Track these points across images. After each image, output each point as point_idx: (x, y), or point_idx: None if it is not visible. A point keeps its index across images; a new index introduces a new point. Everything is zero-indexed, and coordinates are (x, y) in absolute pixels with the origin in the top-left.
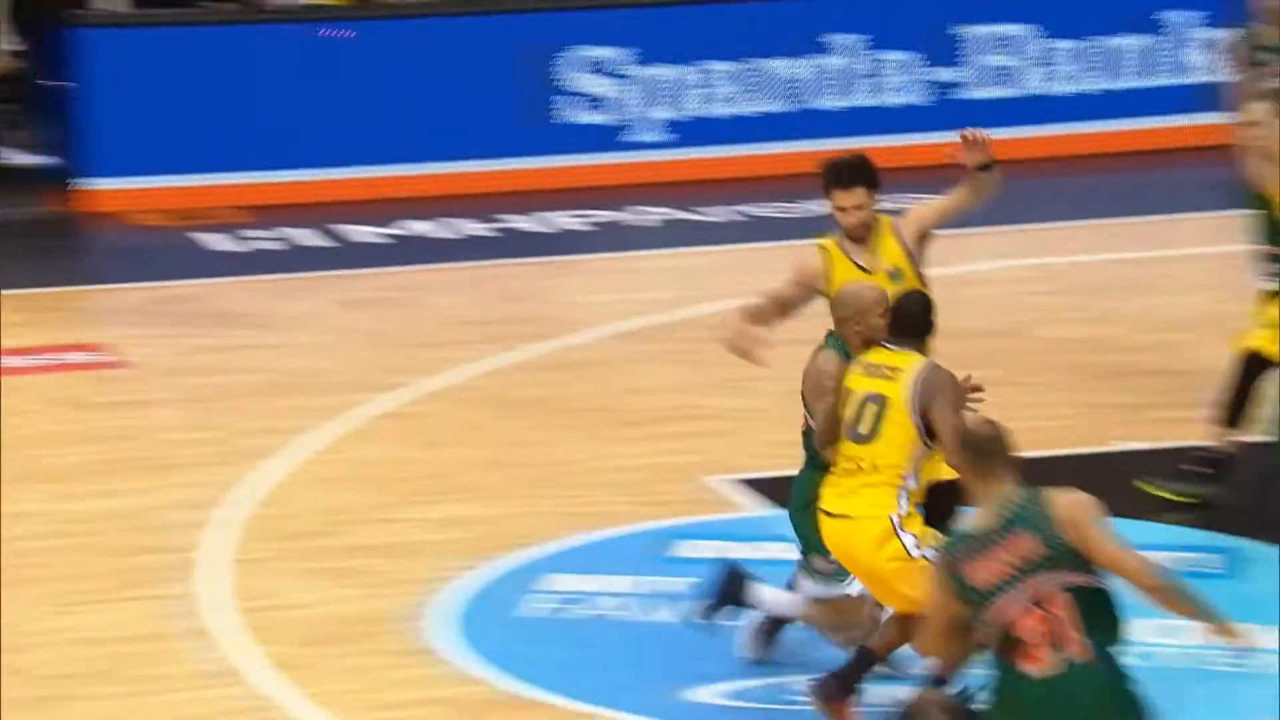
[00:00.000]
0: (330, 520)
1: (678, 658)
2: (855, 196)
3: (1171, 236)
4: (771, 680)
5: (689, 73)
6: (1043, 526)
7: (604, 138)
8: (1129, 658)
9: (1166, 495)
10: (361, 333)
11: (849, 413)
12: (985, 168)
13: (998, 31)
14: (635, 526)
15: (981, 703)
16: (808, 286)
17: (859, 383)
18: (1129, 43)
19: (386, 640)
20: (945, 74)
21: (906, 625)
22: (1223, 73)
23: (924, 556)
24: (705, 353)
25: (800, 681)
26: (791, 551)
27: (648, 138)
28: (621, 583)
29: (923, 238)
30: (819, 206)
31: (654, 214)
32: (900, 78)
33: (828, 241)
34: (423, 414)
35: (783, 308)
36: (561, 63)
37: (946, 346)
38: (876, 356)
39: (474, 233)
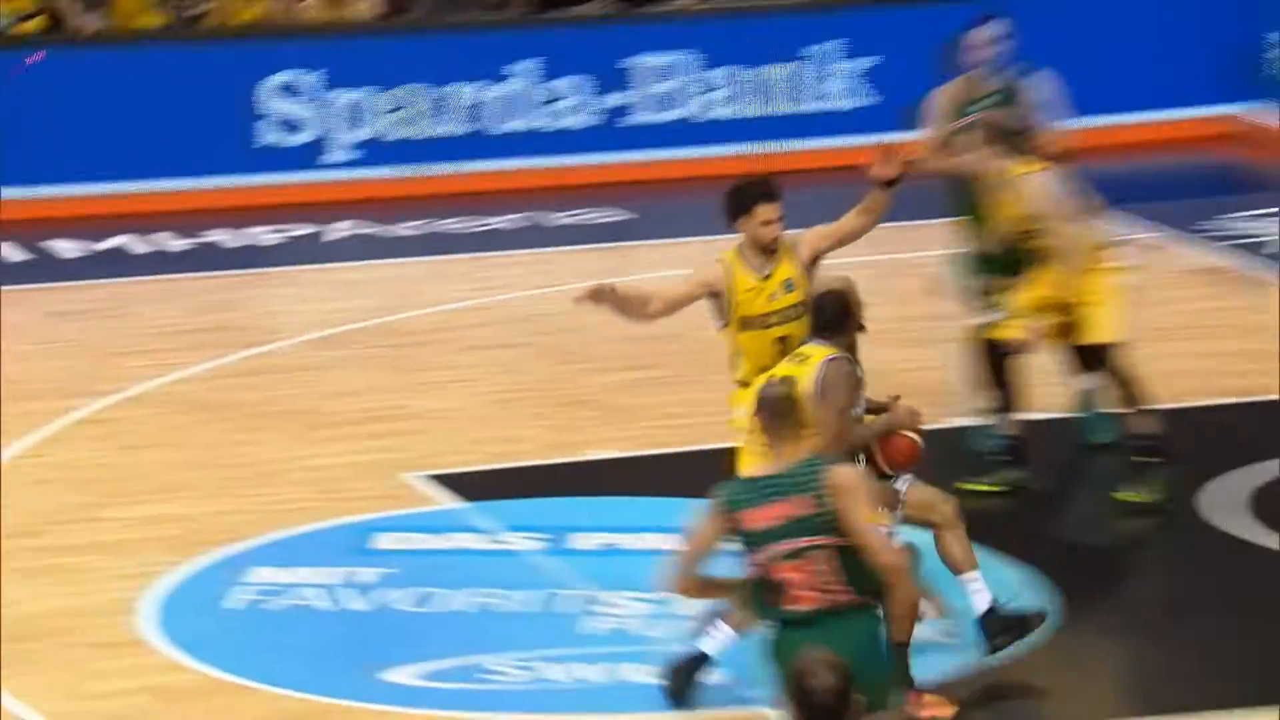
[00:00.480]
0: (38, 521)
1: (374, 643)
2: (778, 210)
3: None
4: (463, 661)
5: (380, 98)
6: (819, 491)
7: (301, 158)
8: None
9: (982, 488)
10: (67, 343)
11: None
12: (892, 183)
13: (661, 61)
14: (334, 521)
15: None
16: (703, 290)
17: (782, 368)
18: (779, 71)
19: (94, 634)
20: (614, 99)
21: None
22: (931, 118)
23: None
24: (399, 357)
25: (490, 660)
26: (480, 541)
27: (341, 158)
28: (321, 574)
29: (815, 259)
30: (503, 222)
31: (347, 229)
32: (573, 103)
33: (728, 253)
34: (126, 419)
35: (667, 304)
36: (262, 90)
37: (615, 352)
38: (808, 349)
39: (178, 248)
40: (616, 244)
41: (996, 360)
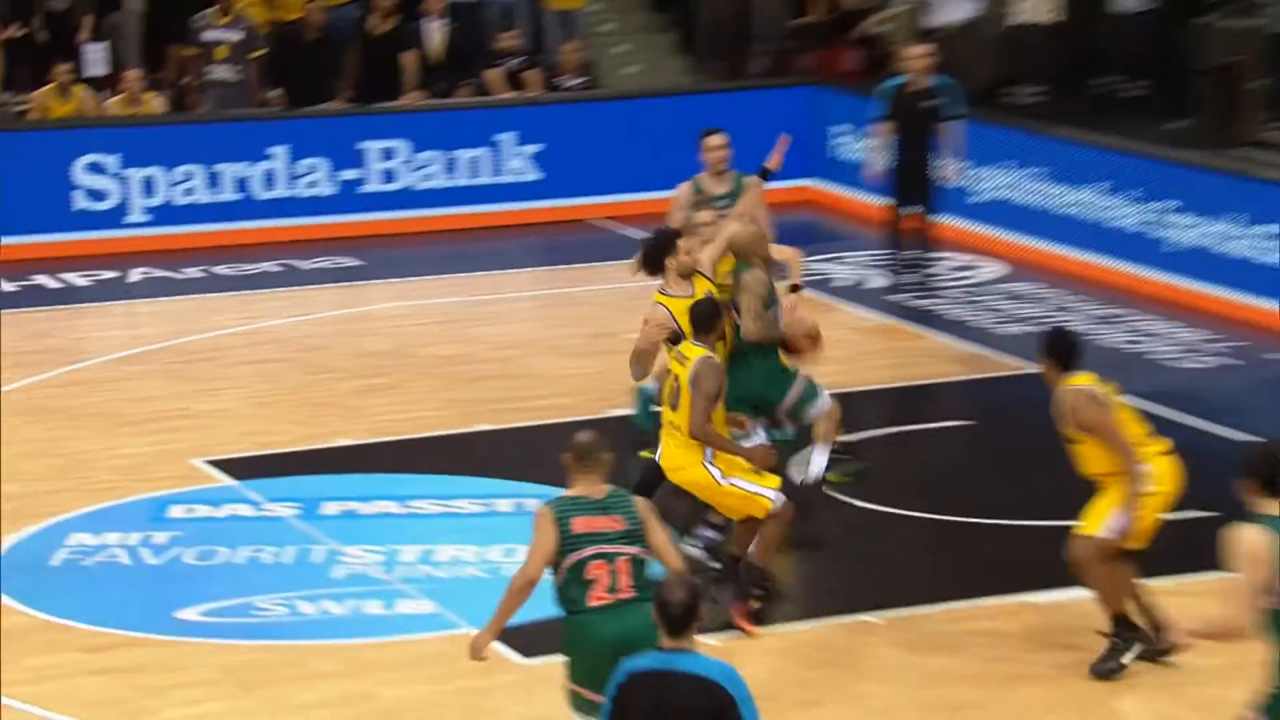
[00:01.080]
0: None
1: (168, 589)
2: (689, 243)
3: (500, 285)
4: (237, 601)
5: (168, 173)
6: (630, 513)
7: (106, 219)
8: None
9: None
10: None
11: (667, 389)
12: (768, 175)
13: (385, 145)
14: (135, 497)
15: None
16: (663, 332)
17: (674, 367)
18: (472, 154)
19: None
20: (349, 174)
21: (748, 526)
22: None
23: (731, 483)
24: (186, 371)
25: (258, 600)
26: (249, 510)
27: (138, 219)
28: (126, 537)
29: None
30: (265, 267)
31: (143, 274)
32: (318, 176)
33: (656, 296)
34: None
35: (655, 350)
36: (75, 167)
37: (353, 364)
38: (684, 348)
39: (9, 289)
40: (351, 283)
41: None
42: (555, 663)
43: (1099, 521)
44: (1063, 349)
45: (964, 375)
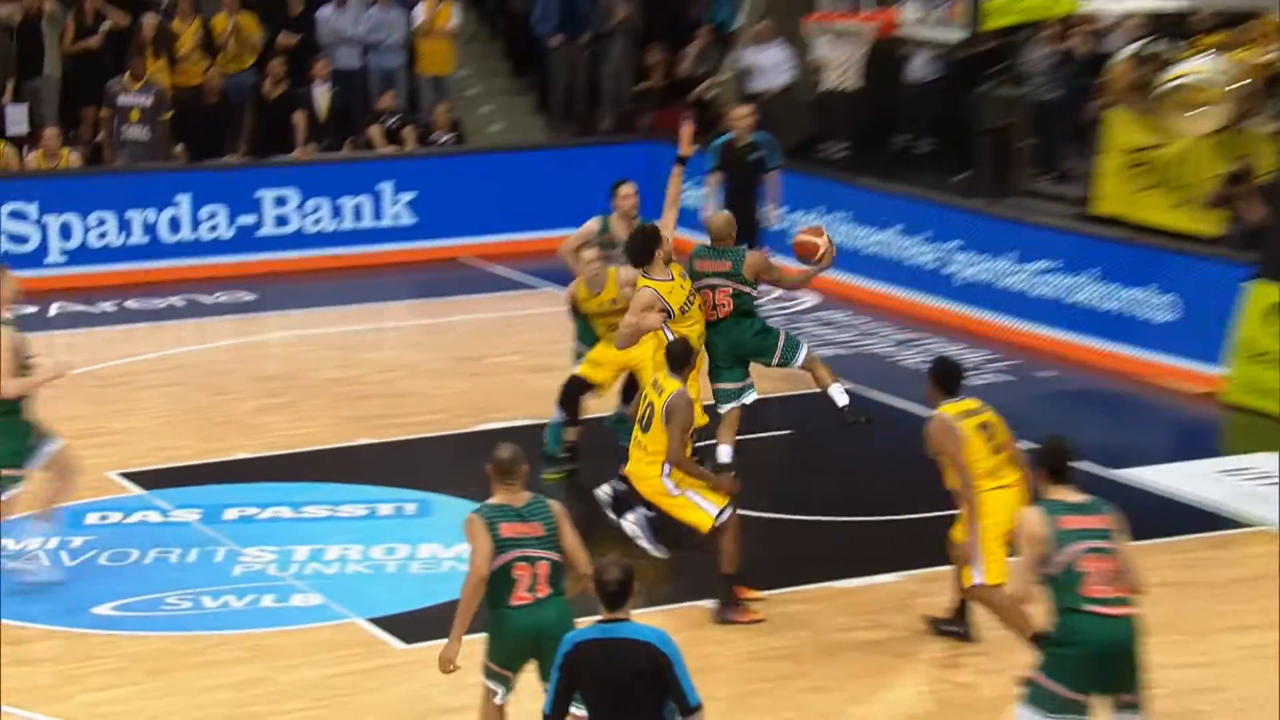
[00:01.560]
0: None
1: (85, 587)
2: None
3: (381, 316)
4: (147, 597)
5: (82, 219)
6: (547, 520)
7: (29, 260)
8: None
9: (553, 477)
10: None
11: (641, 411)
12: (684, 161)
13: (278, 193)
14: (61, 506)
15: None
16: (658, 302)
17: (650, 394)
18: (355, 200)
19: None
20: (246, 219)
21: (719, 533)
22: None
23: (685, 495)
24: (101, 394)
25: (166, 596)
26: (157, 516)
27: (57, 260)
28: (51, 542)
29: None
30: (172, 301)
31: (61, 308)
32: (218, 221)
33: (640, 280)
34: None
35: (644, 333)
36: (1, 213)
37: (251, 386)
38: (661, 379)
39: None
40: (249, 315)
41: (574, 390)
42: (432, 646)
43: (971, 570)
44: (943, 376)
45: (786, 391)
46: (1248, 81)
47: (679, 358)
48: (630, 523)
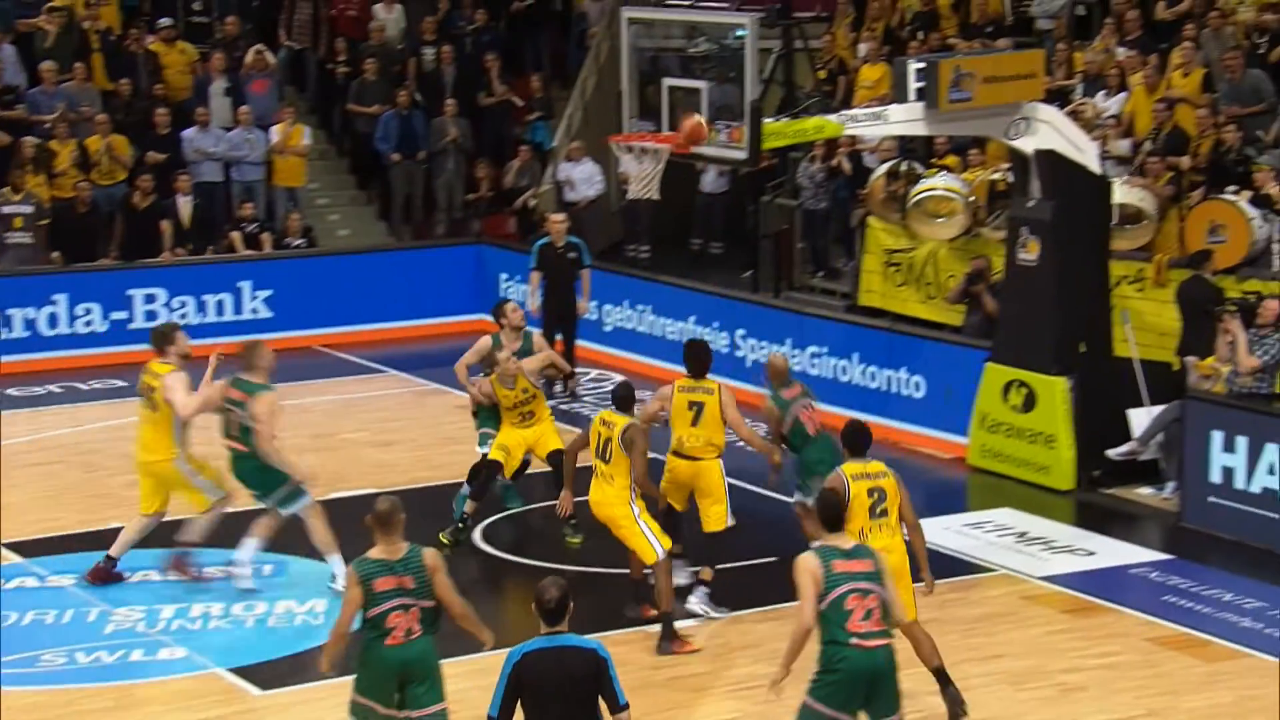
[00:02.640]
0: None
1: None
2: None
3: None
4: (26, 655)
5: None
6: (418, 571)
7: None
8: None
9: (446, 539)
10: None
11: (598, 445)
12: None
13: (148, 292)
14: None
15: None
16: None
17: (600, 429)
18: (218, 297)
19: None
20: (118, 314)
21: (661, 567)
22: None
23: (640, 526)
24: None
25: (43, 653)
26: (36, 581)
27: None
28: None
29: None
30: (51, 389)
31: None
32: (93, 316)
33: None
34: None
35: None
36: None
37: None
38: (606, 415)
39: None
40: (120, 400)
41: (486, 473)
42: (287, 692)
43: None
44: (849, 437)
45: None
46: (980, 195)
47: (624, 401)
48: (695, 603)
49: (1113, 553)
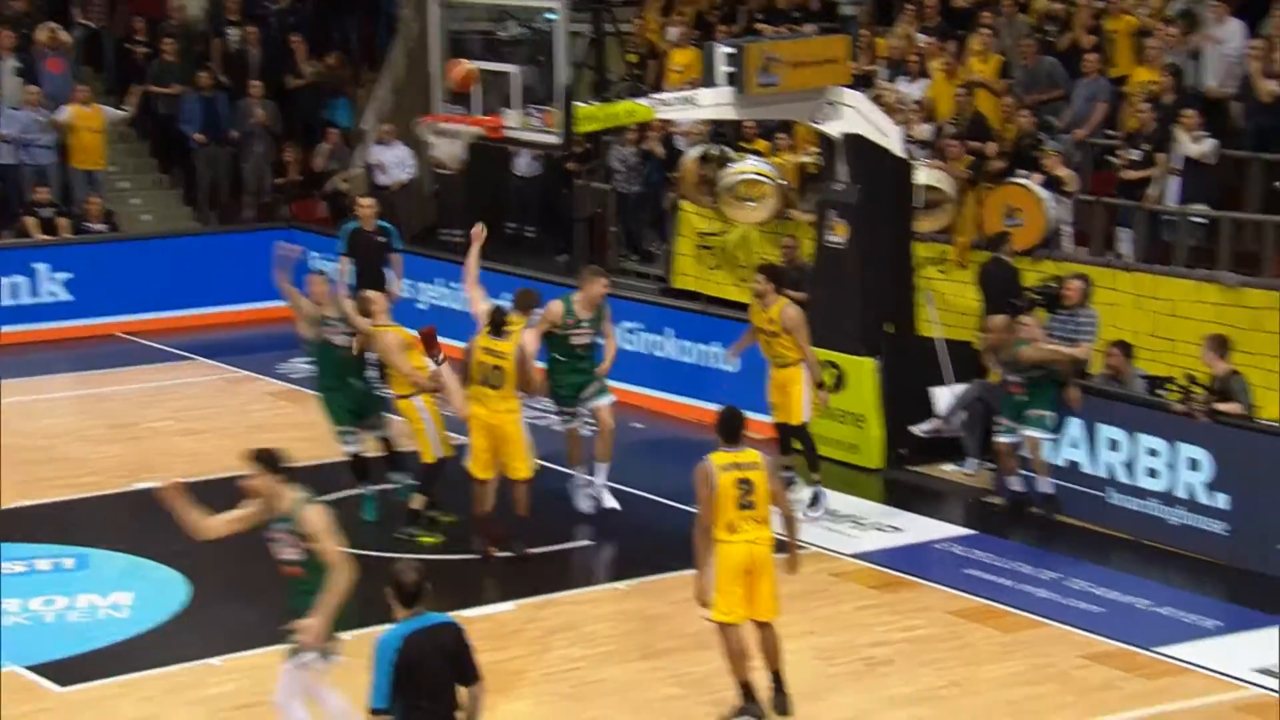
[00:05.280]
0: None
1: None
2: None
3: (42, 388)
4: None
5: None
6: (294, 524)
7: None
8: None
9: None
10: None
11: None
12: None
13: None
14: None
15: None
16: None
17: (488, 358)
18: (12, 280)
19: None
20: None
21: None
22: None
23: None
24: None
25: None
26: None
27: None
28: None
29: None
30: None
31: None
32: None
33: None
34: None
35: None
36: None
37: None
38: (491, 344)
39: None
40: None
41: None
42: (88, 688)
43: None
44: (721, 424)
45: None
46: (791, 179)
47: (502, 324)
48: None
49: (919, 529)
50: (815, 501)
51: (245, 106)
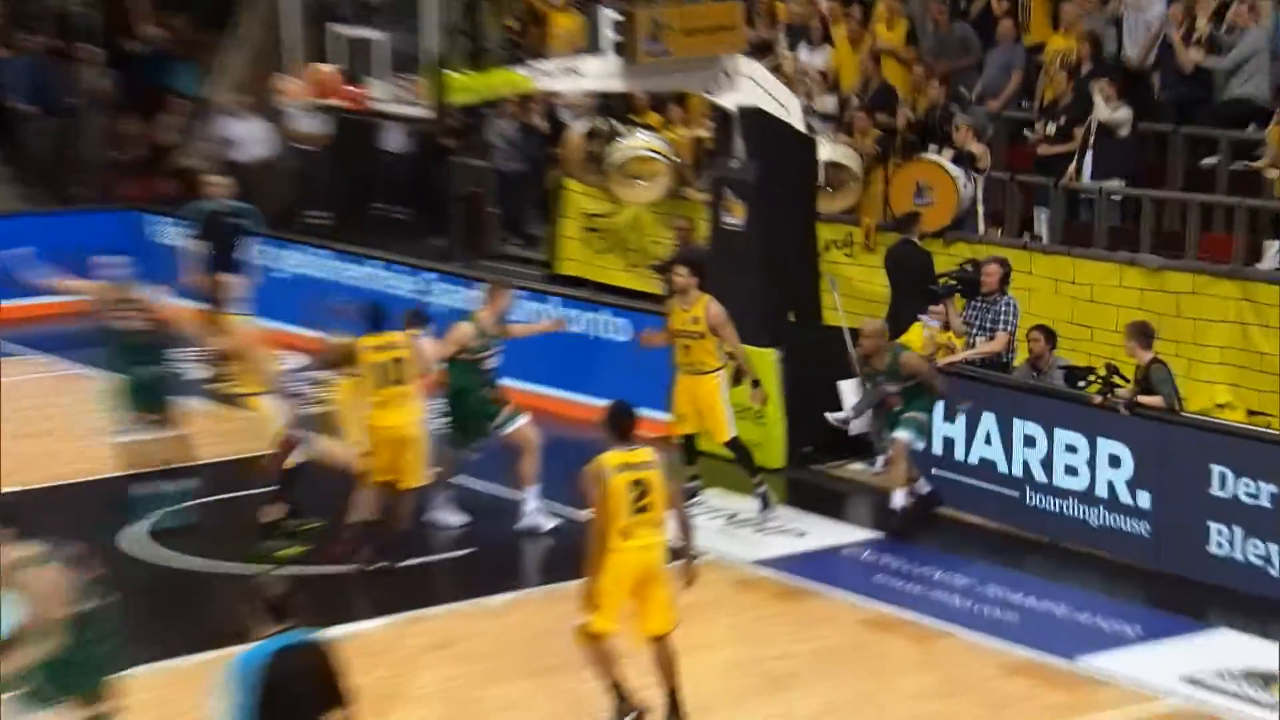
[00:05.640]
0: None
1: None
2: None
3: None
4: None
5: None
6: None
7: None
8: None
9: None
10: None
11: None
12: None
13: None
14: None
15: None
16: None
17: (382, 354)
18: None
19: None
20: None
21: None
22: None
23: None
24: None
25: None
26: None
27: None
28: None
29: None
30: None
31: None
32: None
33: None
34: None
35: None
36: None
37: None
38: (385, 340)
39: None
40: None
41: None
42: None
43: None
44: (611, 421)
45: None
46: (685, 155)
47: (381, 318)
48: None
49: (825, 532)
50: (766, 505)
51: (78, 75)
